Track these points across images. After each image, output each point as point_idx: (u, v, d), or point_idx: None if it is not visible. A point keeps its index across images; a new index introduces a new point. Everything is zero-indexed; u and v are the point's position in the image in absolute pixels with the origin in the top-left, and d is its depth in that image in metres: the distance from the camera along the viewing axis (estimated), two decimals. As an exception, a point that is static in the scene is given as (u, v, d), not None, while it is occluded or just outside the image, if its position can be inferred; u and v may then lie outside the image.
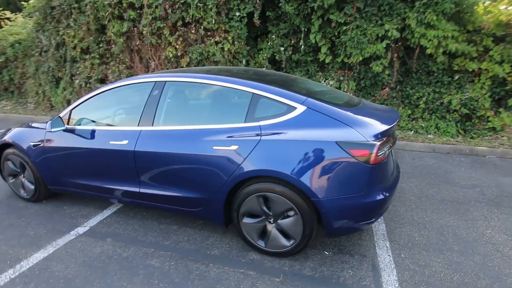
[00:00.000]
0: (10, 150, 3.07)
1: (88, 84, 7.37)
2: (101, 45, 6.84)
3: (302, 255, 2.26)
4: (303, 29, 5.66)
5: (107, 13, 6.17)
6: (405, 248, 2.36)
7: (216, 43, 5.98)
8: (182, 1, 5.67)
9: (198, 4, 5.61)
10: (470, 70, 5.30)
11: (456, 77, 5.48)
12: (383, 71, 5.45)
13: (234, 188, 2.18)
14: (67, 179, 2.86)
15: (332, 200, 1.98)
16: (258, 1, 5.50)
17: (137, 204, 2.67)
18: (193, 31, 5.98)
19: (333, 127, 2.01)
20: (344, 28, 5.24)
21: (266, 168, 2.04)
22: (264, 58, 6.12)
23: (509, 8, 4.95)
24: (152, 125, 2.41)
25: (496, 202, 3.05)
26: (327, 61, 5.74)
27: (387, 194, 2.09)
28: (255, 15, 5.68)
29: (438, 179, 3.66)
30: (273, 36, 6.01)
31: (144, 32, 6.14)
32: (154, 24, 6.05)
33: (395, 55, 5.52)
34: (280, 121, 2.11)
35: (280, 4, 5.41)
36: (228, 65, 6.15)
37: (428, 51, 5.08)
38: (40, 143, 2.86)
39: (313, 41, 5.60)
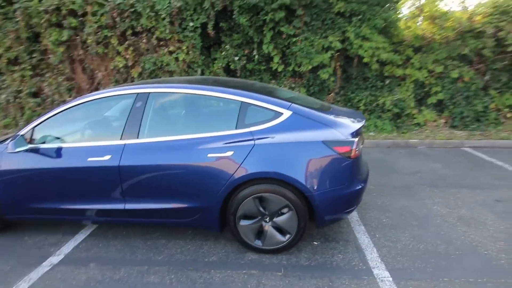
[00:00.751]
0: None
1: (17, 99, 6.48)
2: (34, 55, 6.11)
3: (295, 249, 2.45)
4: (256, 40, 5.97)
5: (43, 20, 5.57)
6: (377, 229, 2.73)
7: (170, 52, 5.90)
8: (132, 10, 5.47)
9: (150, 13, 5.48)
10: (397, 75, 6.26)
11: (387, 82, 6.40)
12: (329, 78, 6.08)
13: (230, 193, 2.28)
14: (31, 204, 2.56)
15: (323, 193, 2.22)
16: (211, 13, 5.63)
17: (119, 222, 2.54)
18: (144, 41, 5.80)
19: (317, 129, 2.27)
20: (294, 39, 5.71)
21: (263, 170, 2.19)
22: (219, 67, 6.26)
23: (421, 23, 6.02)
24: (138, 138, 2.35)
25: (434, 184, 3.71)
26: (279, 69, 6.15)
27: (363, 184, 2.42)
28: (209, 26, 5.80)
29: (387, 169, 4.26)
30: (227, 46, 6.19)
31: (88, 41, 5.72)
32: (100, 32, 5.69)
33: (338, 64, 6.21)
34: (270, 126, 2.28)
35: (233, 16, 5.63)
36: (184, 74, 6.12)
37: (365, 60, 5.86)
38: (-6, 167, 2.51)
39: (266, 51, 5.95)
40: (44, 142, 2.49)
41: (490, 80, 6.04)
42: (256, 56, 6.09)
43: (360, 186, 2.36)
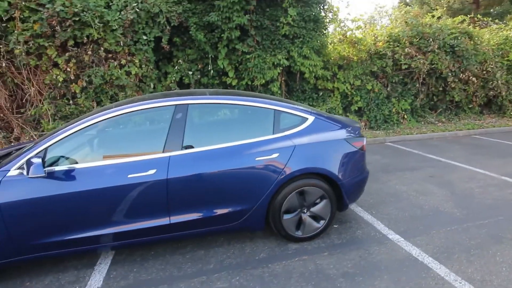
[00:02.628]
0: None
1: None
2: None
3: (324, 234, 2.84)
4: (210, 55, 6.18)
5: None
6: (370, 208, 3.39)
7: (121, 66, 5.50)
8: (76, 19, 4.90)
9: (98, 23, 5.03)
10: (328, 88, 7.48)
11: (321, 94, 7.55)
12: (277, 91, 6.79)
13: (276, 191, 2.51)
14: (40, 240, 2.15)
15: (349, 181, 2.72)
16: (168, 28, 5.58)
17: (157, 240, 2.40)
18: (89, 53, 5.24)
19: (336, 130, 2.78)
20: (248, 56, 6.19)
21: (305, 167, 2.54)
22: (173, 81, 6.17)
23: (344, 46, 7.42)
24: (181, 149, 2.34)
25: (385, 170, 4.72)
26: (233, 84, 6.51)
27: (368, 172, 3.04)
28: (163, 40, 5.71)
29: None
30: (180, 61, 6.18)
31: (16, 51, 4.78)
32: (32, 42, 4.85)
33: (283, 78, 7.00)
34: (300, 129, 2.66)
35: (190, 32, 5.72)
36: (135, 89, 5.78)
37: (306, 75, 6.82)
38: (-11, 200, 2.02)
39: (221, 66, 6.23)
40: (57, 164, 2.17)
41: (391, 90, 7.88)
42: (211, 71, 6.29)
43: (367, 173, 2.97)
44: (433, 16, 7.70)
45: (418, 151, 5.83)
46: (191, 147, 2.36)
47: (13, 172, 2.10)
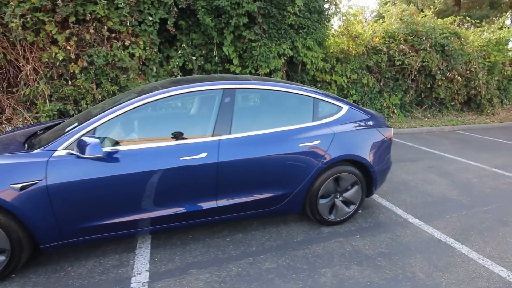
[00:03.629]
0: None
1: None
2: None
3: (352, 219, 2.99)
4: (216, 41, 6.06)
5: None
6: (385, 195, 3.60)
7: (124, 47, 5.25)
8: (80, -7, 4.59)
9: (103, 0, 4.74)
10: (326, 80, 7.65)
11: (319, 85, 7.70)
12: (279, 80, 6.83)
13: (316, 177, 2.60)
14: (87, 223, 2.09)
15: (378, 168, 2.87)
16: (175, 9, 5.38)
17: (203, 223, 2.41)
18: (91, 31, 4.94)
19: (368, 120, 2.91)
20: (253, 44, 6.15)
21: (343, 154, 2.65)
22: (175, 66, 6.00)
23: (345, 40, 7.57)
24: (230, 133, 2.35)
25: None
26: (237, 71, 6.45)
27: (391, 161, 3.22)
28: (169, 22, 5.50)
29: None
30: (183, 45, 6.01)
31: (12, 24, 4.39)
32: (29, 16, 4.47)
33: (284, 68, 7.04)
34: (337, 118, 2.76)
35: (198, 16, 5.56)
36: (138, 72, 5.56)
37: (308, 67, 6.91)
38: (35, 181, 1.92)
39: (226, 53, 6.14)
40: (103, 144, 2.10)
41: (383, 85, 8.22)
42: (216, 57, 6.18)
43: (391, 163, 3.14)
44: (425, 16, 8.07)
45: (412, 144, 6.19)
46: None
47: (60, 152, 2.00)
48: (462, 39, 8.15)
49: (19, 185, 1.89)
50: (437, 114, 8.86)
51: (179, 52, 6.02)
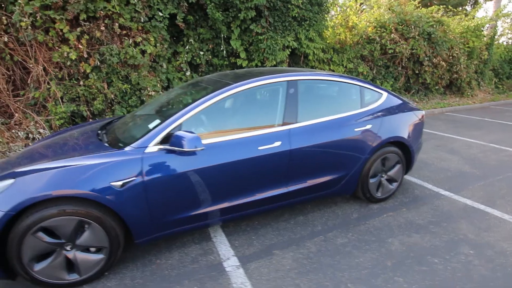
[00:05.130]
0: (47, 212, 1.81)
1: None
2: None
3: (392, 196, 3.26)
4: (223, 35, 6.09)
5: None
6: (411, 173, 3.92)
7: (135, 44, 5.16)
8: (91, -10, 4.43)
9: (115, -4, 4.62)
10: (325, 70, 7.93)
11: (317, 76, 7.97)
12: (282, 72, 7.00)
13: (368, 158, 2.84)
14: (176, 216, 2.18)
15: (416, 147, 3.17)
16: (185, 4, 5.34)
17: (273, 208, 2.56)
18: (102, 28, 4.80)
19: (403, 104, 3.18)
20: (260, 37, 6.24)
21: (391, 136, 2.91)
22: (184, 62, 5.97)
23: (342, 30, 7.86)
24: (297, 122, 2.50)
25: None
26: (243, 65, 6.53)
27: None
28: (178, 17, 5.46)
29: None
30: (191, 40, 5.98)
31: (22, 23, 4.17)
32: (39, 14, 4.27)
33: (287, 60, 7.22)
34: (380, 103, 3.01)
35: (207, 10, 5.55)
36: (148, 69, 5.49)
37: (310, 57, 7.14)
38: (133, 178, 1.97)
39: (234, 47, 6.20)
40: None
41: (376, 73, 8.66)
42: (224, 52, 6.22)
43: (422, 141, 3.46)
44: (415, 6, 8.55)
45: (412, 126, 6.65)
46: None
47: (152, 148, 2.06)
48: (445, 26, 8.75)
49: (120, 183, 1.94)
50: (423, 98, 9.48)
51: (187, 47, 5.99)
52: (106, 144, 2.21)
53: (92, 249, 2.02)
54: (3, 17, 4.19)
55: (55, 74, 4.79)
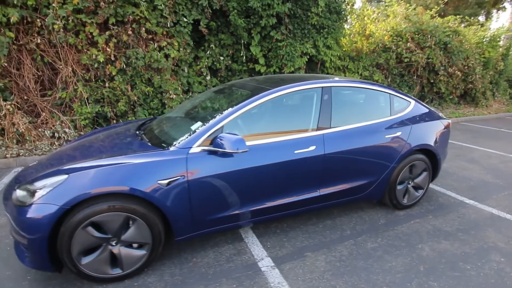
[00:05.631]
0: (95, 209, 1.88)
1: None
2: None
3: (417, 204, 3.28)
4: (243, 41, 6.21)
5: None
6: (434, 181, 3.93)
7: (160, 48, 5.30)
8: (121, -5, 4.60)
9: (144, 1, 4.78)
10: (340, 77, 7.99)
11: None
12: (299, 78, 7.09)
13: (396, 165, 2.88)
14: (214, 215, 2.24)
15: (442, 155, 3.20)
16: (209, 11, 5.48)
17: (304, 211, 2.61)
18: (129, 32, 4.96)
19: (430, 112, 3.22)
20: (279, 44, 6.35)
21: (419, 143, 2.95)
22: (205, 66, 6.10)
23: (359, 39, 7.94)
24: (330, 127, 2.57)
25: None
26: (262, 71, 6.63)
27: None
28: (201, 23, 5.60)
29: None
30: (212, 46, 6.11)
31: (55, 26, 4.34)
32: (72, 17, 4.43)
33: (304, 67, 7.31)
34: (408, 111, 3.05)
35: (230, 17, 5.68)
36: (171, 73, 5.62)
37: (327, 65, 7.21)
38: (178, 177, 2.05)
39: (254, 53, 6.31)
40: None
41: (391, 81, 8.69)
42: (244, 57, 6.33)
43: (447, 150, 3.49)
44: (431, 16, 8.60)
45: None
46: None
47: (196, 149, 2.14)
48: (461, 36, 8.77)
49: (166, 181, 2.02)
50: (437, 107, 9.45)
51: (208, 52, 6.12)
52: (149, 144, 2.29)
53: (135, 245, 2.09)
54: (37, 20, 4.36)
55: (82, 76, 4.94)
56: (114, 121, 5.27)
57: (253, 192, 2.33)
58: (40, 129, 4.95)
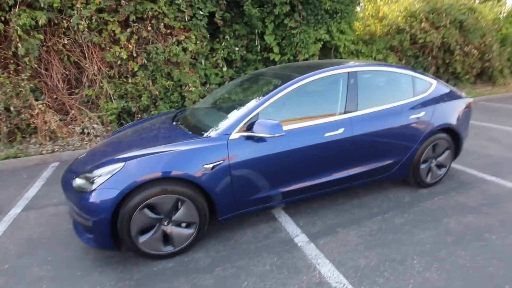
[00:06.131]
0: (147, 192, 2.09)
1: None
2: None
3: (439, 182, 3.39)
4: (257, 31, 6.28)
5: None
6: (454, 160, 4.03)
7: (178, 42, 5.44)
8: (140, -8, 4.74)
9: (162, -3, 4.91)
10: (353, 62, 7.97)
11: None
12: (312, 65, 7.13)
13: (420, 144, 2.99)
14: (252, 196, 2.43)
15: (464, 134, 3.29)
16: (224, 2, 5.57)
17: (334, 191, 2.77)
18: (149, 28, 5.11)
19: (452, 92, 3.29)
20: (293, 31, 6.39)
21: (442, 123, 3.04)
22: (221, 58, 6.22)
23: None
24: (357, 110, 2.69)
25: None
26: (276, 59, 6.70)
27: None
28: (216, 15, 5.69)
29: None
30: (227, 37, 6.21)
31: (80, 26, 4.53)
32: (95, 17, 4.61)
33: (318, 53, 7.33)
34: (430, 92, 3.13)
35: (244, 7, 5.75)
36: (189, 66, 5.77)
37: (340, 49, 7.22)
38: (221, 161, 2.23)
39: (268, 42, 6.38)
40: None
41: (405, 63, 8.60)
42: (259, 47, 6.41)
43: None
44: None
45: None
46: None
47: (235, 135, 2.31)
48: (477, 13, 8.56)
49: (211, 165, 2.20)
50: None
51: (223, 44, 6.23)
52: (190, 133, 2.48)
53: (183, 225, 2.30)
54: (63, 21, 4.56)
55: (107, 73, 5.15)
56: (139, 116, 5.50)
57: (287, 174, 2.50)
58: (70, 126, 5.22)
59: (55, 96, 5.16)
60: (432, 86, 3.17)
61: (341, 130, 2.59)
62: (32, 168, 4.34)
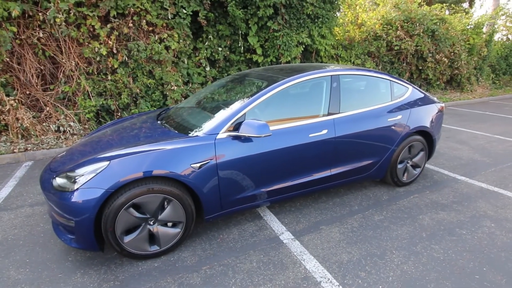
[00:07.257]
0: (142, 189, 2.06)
1: None
2: None
3: (415, 181, 3.59)
4: (241, 32, 6.31)
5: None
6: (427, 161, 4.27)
7: (161, 40, 5.36)
8: (122, -13, 4.61)
9: (145, -6, 4.81)
10: (333, 66, 8.22)
11: (326, 71, 8.26)
12: (294, 68, 7.28)
13: (397, 146, 3.15)
14: (238, 195, 2.45)
15: (437, 136, 3.49)
16: (208, 1, 5.54)
17: (318, 190, 2.85)
18: (130, 25, 4.99)
19: (425, 97, 3.49)
20: (276, 34, 6.49)
21: (417, 125, 3.22)
22: (204, 58, 6.19)
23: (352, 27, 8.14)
24: (339, 112, 2.79)
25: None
26: (259, 61, 6.77)
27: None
28: (200, 14, 5.66)
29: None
30: (210, 37, 6.19)
31: (57, 20, 4.34)
32: (73, 10, 4.43)
33: (299, 56, 7.48)
34: (407, 97, 3.31)
35: (228, 8, 5.76)
36: (171, 65, 5.70)
37: (321, 53, 7.41)
38: (208, 160, 2.23)
39: (251, 43, 6.43)
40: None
41: (382, 69, 8.99)
42: (242, 48, 6.44)
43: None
44: (419, 4, 8.88)
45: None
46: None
47: (222, 135, 2.32)
48: (448, 24, 9.12)
49: (198, 164, 2.20)
50: (425, 93, 9.86)
51: (206, 43, 6.21)
52: (176, 132, 2.46)
53: (169, 224, 2.28)
54: (39, 14, 4.35)
55: (84, 69, 4.97)
56: (119, 114, 5.35)
57: (273, 173, 2.55)
58: (44, 124, 4.98)
59: (28, 92, 4.90)
60: (408, 91, 3.36)
61: (324, 131, 2.68)
62: (3, 167, 4.10)
